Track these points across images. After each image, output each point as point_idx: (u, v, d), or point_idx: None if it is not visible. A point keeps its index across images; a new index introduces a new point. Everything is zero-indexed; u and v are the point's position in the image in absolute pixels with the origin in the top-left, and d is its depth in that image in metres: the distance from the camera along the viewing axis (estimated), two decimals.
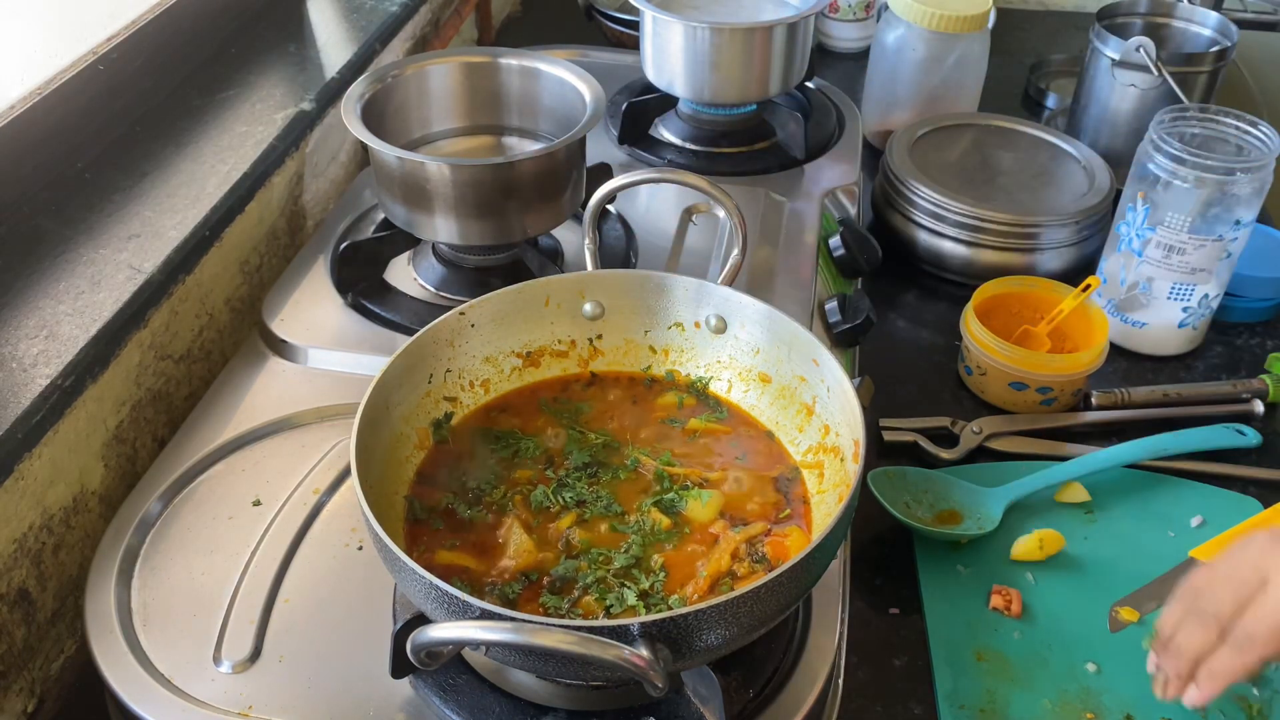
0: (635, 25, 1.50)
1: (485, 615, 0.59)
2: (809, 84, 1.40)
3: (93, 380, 0.83)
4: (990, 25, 1.38)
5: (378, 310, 1.00)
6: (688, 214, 1.13)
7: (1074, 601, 0.91)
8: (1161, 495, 1.01)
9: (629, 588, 0.69)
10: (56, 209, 0.95)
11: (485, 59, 1.10)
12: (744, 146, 1.29)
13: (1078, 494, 1.00)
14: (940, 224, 1.25)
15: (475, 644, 0.61)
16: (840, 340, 1.05)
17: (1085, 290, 1.11)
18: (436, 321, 0.78)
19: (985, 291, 1.14)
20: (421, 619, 0.66)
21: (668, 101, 1.31)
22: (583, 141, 1.02)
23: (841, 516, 0.64)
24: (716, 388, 0.85)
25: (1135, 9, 1.47)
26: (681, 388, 0.85)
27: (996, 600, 0.90)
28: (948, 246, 1.26)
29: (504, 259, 1.05)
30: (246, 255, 1.08)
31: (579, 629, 0.58)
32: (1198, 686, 0.72)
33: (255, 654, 0.73)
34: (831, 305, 1.06)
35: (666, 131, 1.31)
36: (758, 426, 0.82)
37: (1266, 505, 0.99)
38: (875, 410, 1.05)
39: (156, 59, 1.10)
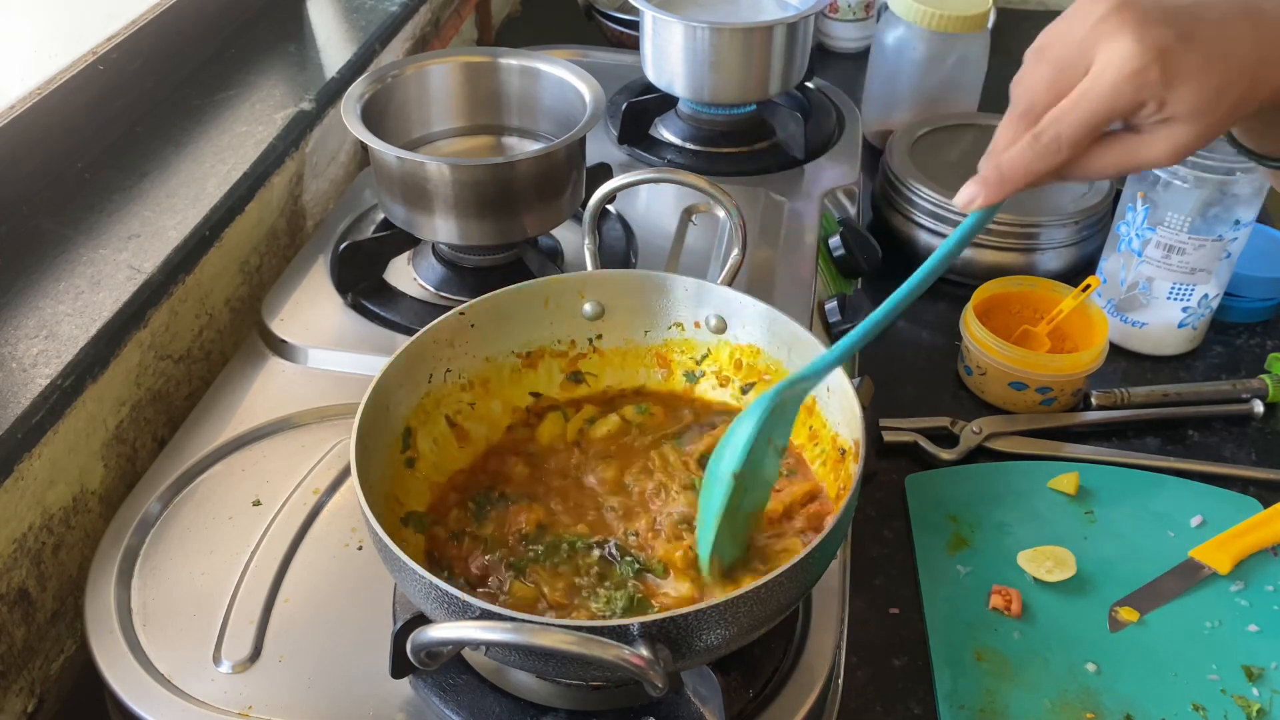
0: (635, 25, 1.50)
1: (485, 615, 0.59)
2: (809, 84, 1.40)
3: (93, 380, 0.83)
4: (990, 25, 1.38)
5: (378, 310, 1.00)
6: (688, 214, 1.13)
7: (1074, 601, 0.91)
8: (1161, 495, 1.01)
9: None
10: (56, 209, 0.95)
11: (485, 59, 1.10)
12: (744, 146, 1.29)
13: (1070, 484, 1.00)
14: (940, 224, 1.25)
15: (475, 644, 0.61)
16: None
17: (1085, 290, 1.11)
18: (436, 321, 0.78)
19: (985, 291, 1.14)
20: (421, 619, 0.66)
21: (668, 101, 1.31)
22: (583, 141, 1.02)
23: (841, 516, 0.64)
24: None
25: None
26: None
27: (996, 600, 0.90)
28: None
29: (504, 259, 1.05)
30: (246, 255, 1.08)
31: (579, 629, 0.58)
32: (980, 183, 0.60)
33: (255, 654, 0.73)
34: (831, 305, 1.06)
35: (666, 131, 1.31)
36: None
37: (1266, 505, 0.99)
38: (875, 410, 1.05)
39: (156, 59, 1.10)
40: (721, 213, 1.10)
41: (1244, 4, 0.58)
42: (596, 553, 0.72)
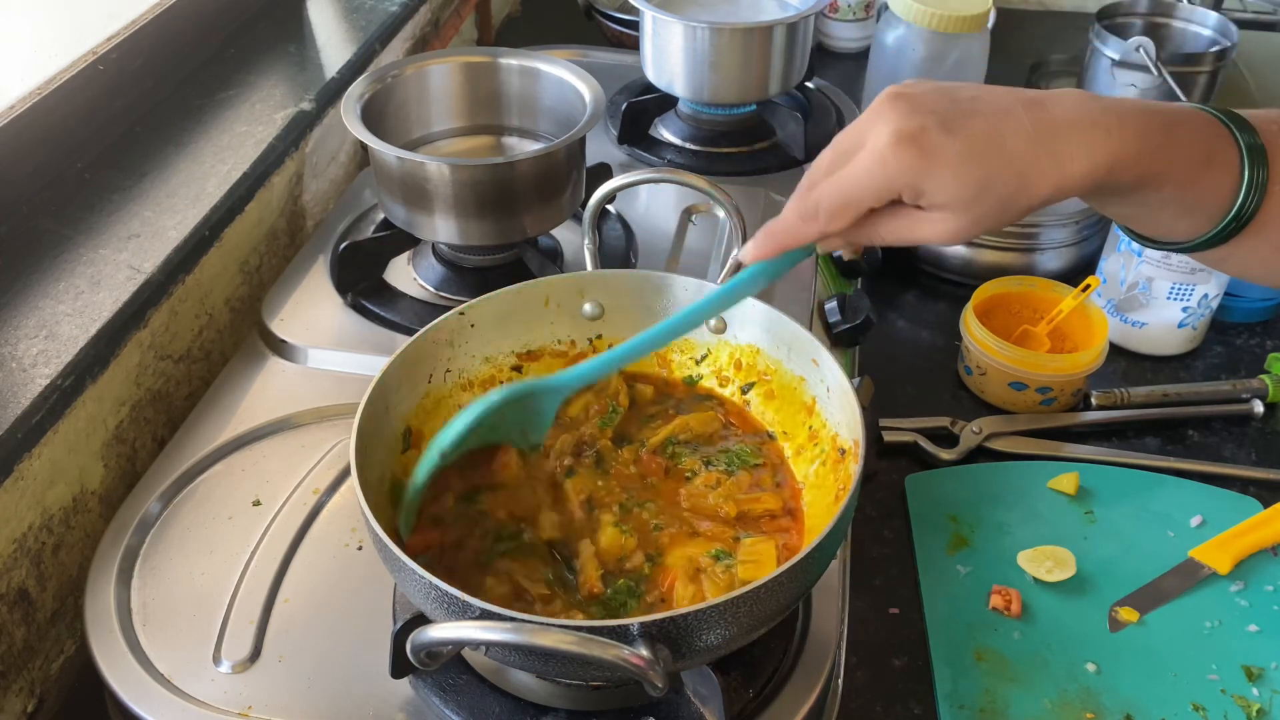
0: (635, 25, 1.50)
1: (485, 615, 0.59)
2: (809, 84, 1.40)
3: (92, 380, 0.83)
4: (990, 25, 1.38)
5: (378, 310, 1.00)
6: (688, 214, 1.13)
7: (1074, 601, 0.91)
8: (1161, 495, 1.01)
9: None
10: (56, 209, 0.95)
11: (485, 59, 1.10)
12: (744, 146, 1.29)
13: (1070, 484, 1.00)
14: None
15: (475, 644, 0.61)
16: (840, 340, 1.05)
17: (1085, 290, 1.11)
18: (436, 321, 0.78)
19: (985, 291, 1.14)
20: (421, 619, 0.66)
21: (667, 101, 1.31)
22: (583, 141, 1.02)
23: (841, 516, 0.64)
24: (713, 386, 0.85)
25: (1135, 9, 1.47)
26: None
27: (996, 600, 0.90)
28: (947, 246, 1.26)
29: (504, 259, 1.05)
30: (246, 255, 1.08)
31: (579, 629, 0.58)
32: (754, 240, 0.64)
33: (255, 654, 0.73)
34: (831, 305, 1.06)
35: (666, 131, 1.31)
36: (757, 427, 0.82)
37: (1266, 505, 0.99)
38: (875, 410, 1.06)
39: (156, 59, 1.10)
40: (721, 213, 1.10)
41: (1029, 99, 0.59)
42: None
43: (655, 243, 1.10)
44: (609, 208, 1.12)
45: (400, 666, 0.68)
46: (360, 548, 0.80)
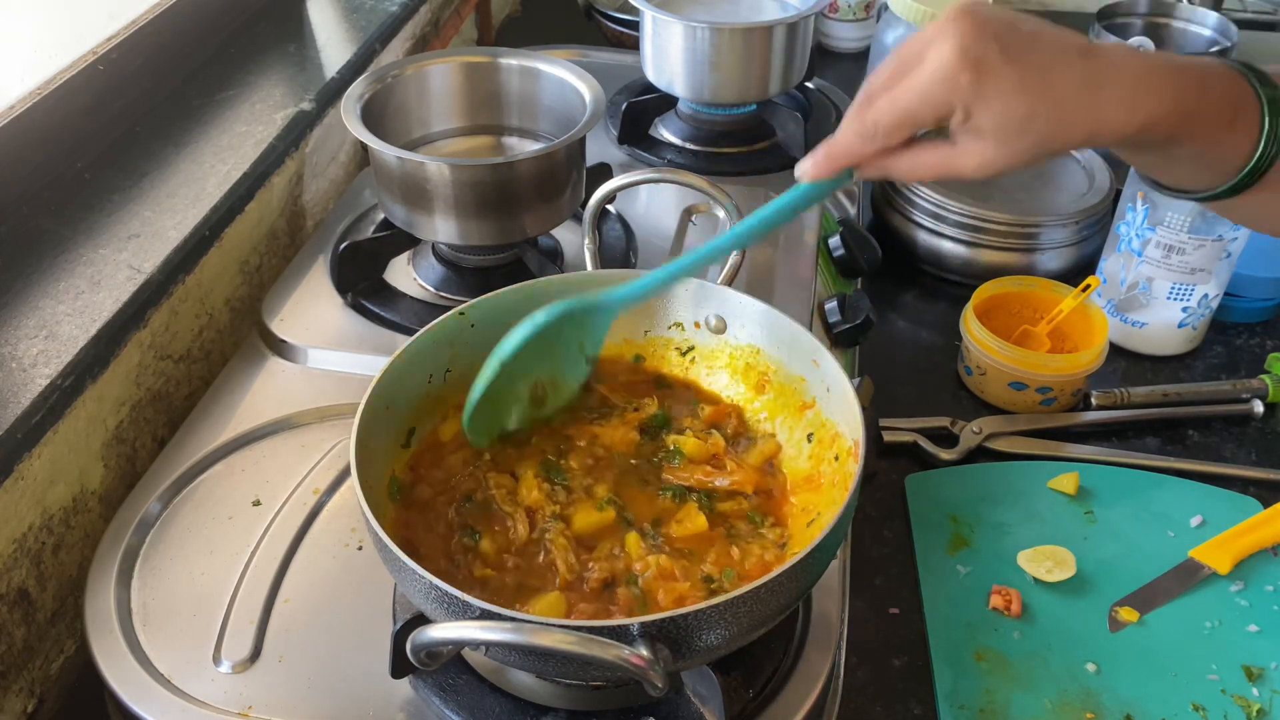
0: (635, 25, 1.50)
1: (485, 615, 0.59)
2: (809, 84, 1.40)
3: (92, 380, 0.83)
4: None
5: (378, 310, 1.00)
6: (687, 214, 1.13)
7: (1074, 601, 0.91)
8: (1161, 495, 1.01)
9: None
10: (56, 209, 0.95)
11: (485, 59, 1.10)
12: (744, 146, 1.29)
13: (1070, 484, 1.00)
14: (940, 224, 1.25)
15: (475, 644, 0.61)
16: (840, 340, 1.05)
17: (1085, 290, 1.11)
18: (436, 321, 0.78)
19: (985, 291, 1.14)
20: (421, 619, 0.66)
21: (667, 101, 1.31)
22: (583, 141, 1.02)
23: (841, 516, 0.64)
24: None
25: (1135, 9, 1.47)
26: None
27: (996, 600, 0.90)
28: (947, 246, 1.26)
29: (504, 259, 1.05)
30: (246, 255, 1.08)
31: (579, 629, 0.58)
32: (813, 159, 0.65)
33: (255, 654, 0.73)
34: (831, 305, 1.06)
35: (666, 131, 1.31)
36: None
37: (1266, 505, 0.99)
38: (875, 410, 1.05)
39: (156, 59, 1.10)
40: (721, 213, 1.10)
41: (1081, 47, 0.60)
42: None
43: (655, 243, 1.10)
44: (609, 208, 1.12)
45: (400, 666, 0.68)
46: (360, 548, 0.80)
